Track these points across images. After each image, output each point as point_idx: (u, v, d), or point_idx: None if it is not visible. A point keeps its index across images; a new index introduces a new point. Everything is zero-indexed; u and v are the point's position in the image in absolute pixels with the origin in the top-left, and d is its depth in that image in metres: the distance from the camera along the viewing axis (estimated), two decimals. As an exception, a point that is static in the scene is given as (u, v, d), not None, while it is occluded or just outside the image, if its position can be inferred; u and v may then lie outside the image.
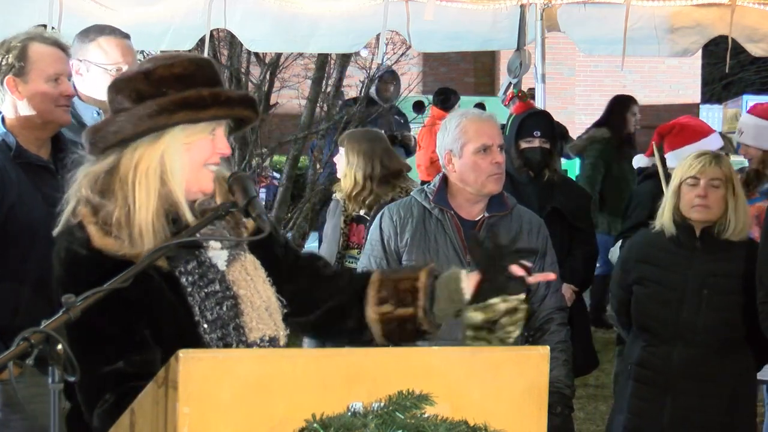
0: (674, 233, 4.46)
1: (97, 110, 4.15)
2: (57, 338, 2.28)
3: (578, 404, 7.69)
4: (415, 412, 2.26)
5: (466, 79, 20.81)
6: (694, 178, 4.42)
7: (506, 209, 4.39)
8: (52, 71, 3.70)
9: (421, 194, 4.41)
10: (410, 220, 4.36)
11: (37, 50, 3.70)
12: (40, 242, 3.64)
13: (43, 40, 3.73)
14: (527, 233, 4.37)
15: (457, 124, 4.33)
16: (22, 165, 3.68)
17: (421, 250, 4.30)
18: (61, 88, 3.71)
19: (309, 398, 2.23)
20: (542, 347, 2.47)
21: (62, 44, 3.78)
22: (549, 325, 4.35)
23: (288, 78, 10.51)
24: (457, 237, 4.30)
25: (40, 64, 3.69)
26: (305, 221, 9.69)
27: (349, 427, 2.20)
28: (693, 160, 4.47)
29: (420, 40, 7.14)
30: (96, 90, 4.13)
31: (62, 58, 3.75)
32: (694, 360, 4.41)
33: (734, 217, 4.41)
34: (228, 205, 2.75)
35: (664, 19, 7.14)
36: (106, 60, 4.19)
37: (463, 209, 4.36)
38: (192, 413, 2.17)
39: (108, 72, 4.13)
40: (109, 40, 4.23)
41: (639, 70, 20.01)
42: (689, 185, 4.43)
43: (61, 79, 3.72)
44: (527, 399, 2.42)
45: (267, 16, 6.61)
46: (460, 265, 4.25)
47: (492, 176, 4.28)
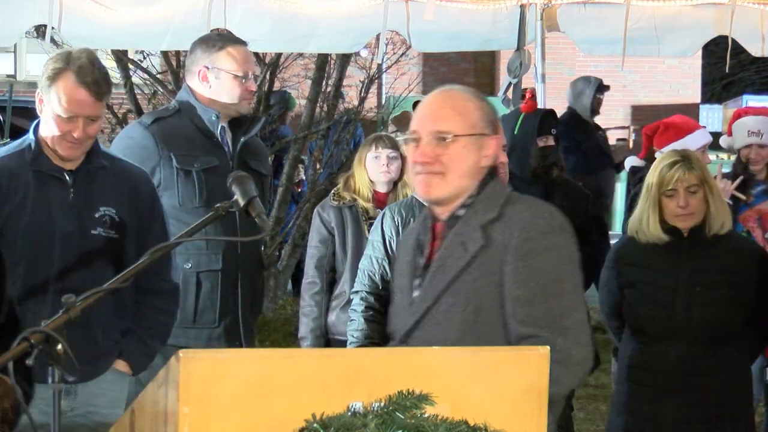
0: (663, 240, 4.48)
1: (216, 113, 4.43)
2: (57, 338, 2.28)
3: (578, 404, 7.69)
4: (415, 412, 2.26)
5: (466, 79, 20.79)
6: (672, 189, 4.44)
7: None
8: (68, 111, 3.69)
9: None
10: (412, 219, 4.38)
11: (63, 84, 3.68)
12: (37, 247, 3.68)
13: (78, 78, 3.70)
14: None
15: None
16: (35, 172, 3.74)
17: None
18: (71, 128, 3.70)
19: (309, 398, 2.23)
20: (542, 347, 2.47)
21: (95, 89, 3.72)
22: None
23: (288, 78, 10.52)
24: None
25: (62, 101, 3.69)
26: (305, 221, 9.69)
27: (349, 427, 2.20)
28: (667, 171, 4.46)
29: (420, 40, 7.12)
30: (224, 94, 4.43)
31: (83, 102, 3.69)
32: (691, 357, 4.43)
33: (716, 214, 4.46)
34: (228, 205, 2.76)
35: (664, 19, 7.13)
36: (236, 67, 4.42)
37: None
38: (192, 413, 2.17)
39: (238, 78, 4.41)
40: (237, 48, 4.47)
41: (639, 70, 20.00)
42: (668, 196, 4.46)
43: (75, 120, 3.71)
44: (527, 399, 2.42)
45: (267, 16, 6.60)
46: None
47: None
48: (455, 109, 3.01)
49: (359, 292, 4.57)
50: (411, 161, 3.05)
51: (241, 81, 4.43)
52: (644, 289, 4.52)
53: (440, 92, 3.11)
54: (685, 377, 4.43)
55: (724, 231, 4.48)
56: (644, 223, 4.50)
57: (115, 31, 6.45)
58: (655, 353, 4.48)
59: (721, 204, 4.51)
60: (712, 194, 4.47)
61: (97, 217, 3.75)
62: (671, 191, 4.44)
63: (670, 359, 4.45)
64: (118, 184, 3.84)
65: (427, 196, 3.04)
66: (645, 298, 4.52)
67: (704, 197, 4.45)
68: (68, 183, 3.75)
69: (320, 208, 5.39)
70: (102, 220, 3.74)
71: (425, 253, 3.01)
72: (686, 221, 4.45)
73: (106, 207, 3.77)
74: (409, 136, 3.04)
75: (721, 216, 4.47)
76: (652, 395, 4.49)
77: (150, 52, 9.42)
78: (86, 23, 6.27)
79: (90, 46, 4.57)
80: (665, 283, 4.47)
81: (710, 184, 4.49)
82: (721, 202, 4.54)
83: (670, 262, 4.48)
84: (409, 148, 3.06)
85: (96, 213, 3.75)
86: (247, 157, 4.53)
